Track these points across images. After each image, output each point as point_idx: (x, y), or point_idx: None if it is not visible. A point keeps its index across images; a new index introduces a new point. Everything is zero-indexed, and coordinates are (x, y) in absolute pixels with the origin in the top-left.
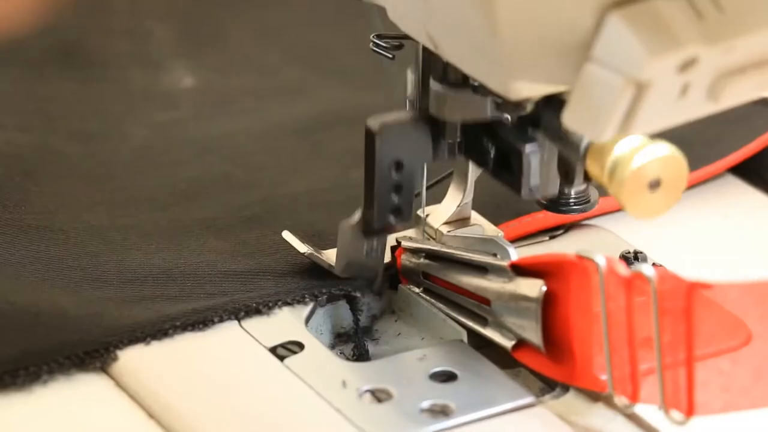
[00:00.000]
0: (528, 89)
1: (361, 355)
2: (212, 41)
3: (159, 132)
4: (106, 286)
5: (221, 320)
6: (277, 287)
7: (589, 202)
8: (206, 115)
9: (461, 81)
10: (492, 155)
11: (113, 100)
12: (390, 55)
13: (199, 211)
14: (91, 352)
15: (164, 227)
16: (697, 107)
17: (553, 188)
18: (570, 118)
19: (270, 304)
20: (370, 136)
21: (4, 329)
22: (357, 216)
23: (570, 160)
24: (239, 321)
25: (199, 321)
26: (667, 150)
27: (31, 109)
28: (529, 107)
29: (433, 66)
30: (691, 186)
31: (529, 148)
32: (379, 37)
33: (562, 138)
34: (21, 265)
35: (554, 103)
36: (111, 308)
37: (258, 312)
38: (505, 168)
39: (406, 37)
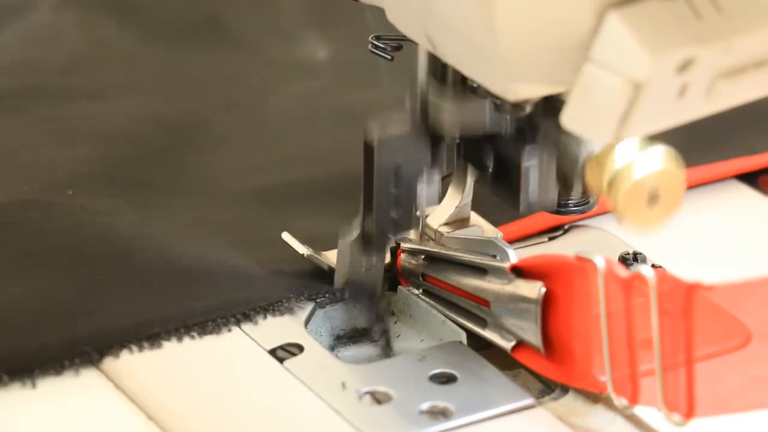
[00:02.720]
0: (527, 90)
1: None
2: (339, 13)
3: (301, 101)
4: (277, 248)
5: None
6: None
7: (588, 203)
8: (343, 85)
9: (460, 94)
10: (490, 170)
11: (253, 71)
12: (389, 57)
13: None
14: (266, 306)
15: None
16: (696, 107)
17: (552, 203)
18: (569, 119)
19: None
20: (368, 148)
21: (194, 283)
22: (355, 232)
23: (568, 173)
24: (239, 323)
25: None
26: (666, 163)
27: (179, 80)
28: (528, 108)
29: (431, 78)
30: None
31: (527, 162)
32: (377, 38)
33: (561, 151)
34: (191, 228)
35: (552, 115)
36: (285, 267)
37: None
38: (504, 182)
39: (404, 38)
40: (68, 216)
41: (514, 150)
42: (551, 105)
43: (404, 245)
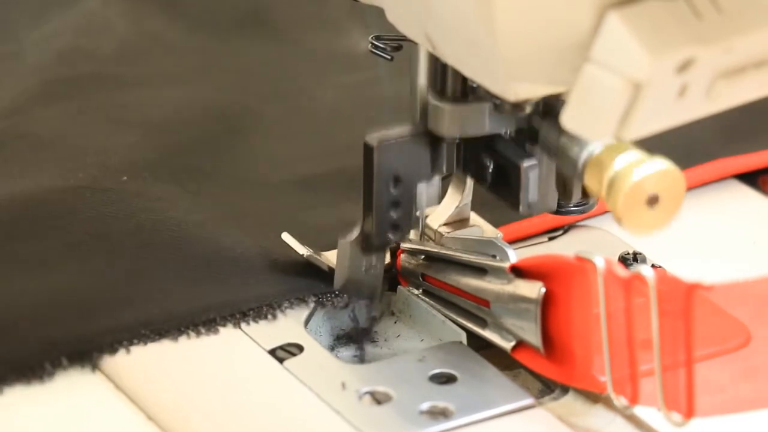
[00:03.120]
0: (526, 90)
1: (361, 358)
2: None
3: (346, 92)
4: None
5: None
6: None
7: (588, 203)
8: (387, 77)
9: (460, 96)
10: (490, 171)
11: (299, 62)
12: (388, 57)
13: None
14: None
15: None
16: (696, 108)
17: (551, 205)
18: (569, 119)
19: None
20: (368, 152)
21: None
22: (355, 233)
23: (568, 175)
24: (239, 323)
25: None
26: (666, 165)
27: (226, 70)
28: (528, 109)
29: (431, 81)
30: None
31: (527, 164)
32: (377, 38)
33: (560, 153)
34: (258, 216)
35: (552, 117)
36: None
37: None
38: (503, 184)
39: (404, 38)
40: (124, 202)
41: (513, 153)
42: (550, 108)
43: (404, 245)
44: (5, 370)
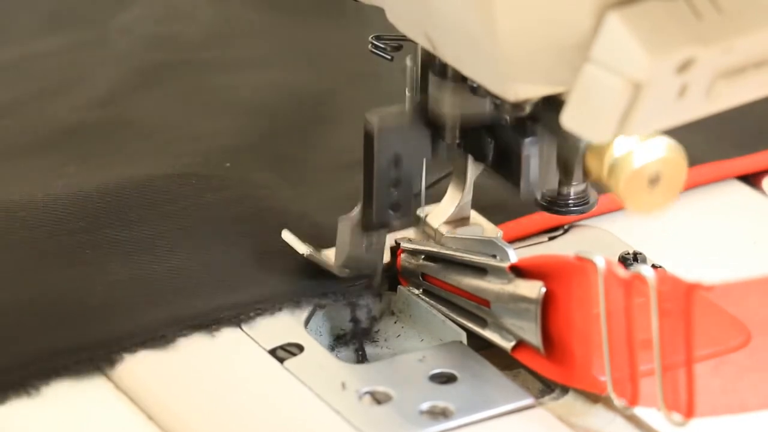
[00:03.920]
0: (527, 90)
1: (360, 359)
2: None
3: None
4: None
5: None
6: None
7: (588, 203)
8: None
9: (460, 77)
10: (491, 152)
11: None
12: (389, 57)
13: None
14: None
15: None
16: (696, 108)
17: (552, 184)
18: (569, 119)
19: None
20: (368, 135)
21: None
22: (357, 211)
23: (569, 157)
24: (239, 323)
25: None
26: (667, 147)
27: (301, 54)
28: (528, 108)
29: (432, 62)
30: None
31: (528, 143)
32: (377, 38)
33: (562, 133)
34: (344, 199)
35: (554, 98)
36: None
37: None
38: (504, 165)
39: (405, 38)
40: (230, 189)
41: (514, 135)
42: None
43: (404, 245)
44: (131, 343)
